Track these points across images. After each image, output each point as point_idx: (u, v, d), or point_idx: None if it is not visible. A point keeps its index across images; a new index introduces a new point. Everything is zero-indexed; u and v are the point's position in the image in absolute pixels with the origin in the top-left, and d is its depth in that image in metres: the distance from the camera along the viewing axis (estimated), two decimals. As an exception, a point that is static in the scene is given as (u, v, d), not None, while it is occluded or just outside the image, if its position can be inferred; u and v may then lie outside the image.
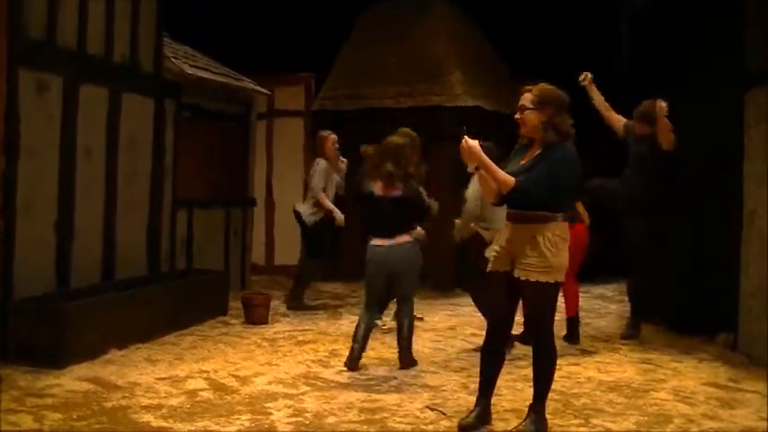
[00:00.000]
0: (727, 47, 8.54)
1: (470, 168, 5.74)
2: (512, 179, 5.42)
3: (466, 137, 5.53)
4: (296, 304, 10.29)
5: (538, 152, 5.55)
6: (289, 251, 13.57)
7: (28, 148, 7.58)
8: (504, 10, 13.85)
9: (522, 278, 5.49)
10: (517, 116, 5.64)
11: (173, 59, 10.00)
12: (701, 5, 9.07)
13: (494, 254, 5.71)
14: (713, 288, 8.74)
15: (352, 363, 7.30)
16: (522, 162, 5.59)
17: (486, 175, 5.51)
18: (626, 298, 10.00)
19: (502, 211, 5.90)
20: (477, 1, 13.84)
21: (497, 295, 5.71)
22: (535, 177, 5.40)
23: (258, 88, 12.05)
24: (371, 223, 7.49)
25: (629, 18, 11.55)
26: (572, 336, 8.55)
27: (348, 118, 12.32)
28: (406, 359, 7.47)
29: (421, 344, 8.44)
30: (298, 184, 13.55)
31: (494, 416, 5.79)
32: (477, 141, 5.51)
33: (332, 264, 11.65)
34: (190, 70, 10.18)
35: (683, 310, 9.27)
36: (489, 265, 5.73)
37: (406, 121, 8.55)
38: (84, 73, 8.33)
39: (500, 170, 5.48)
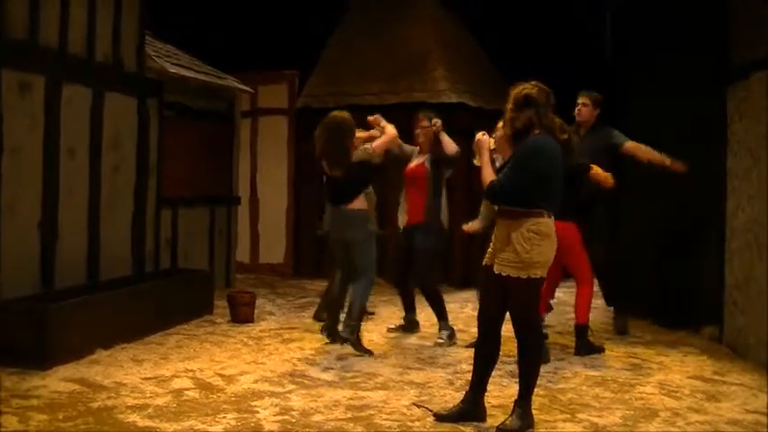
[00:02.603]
0: (710, 41, 8.58)
1: (477, 162, 5.85)
2: (489, 178, 5.60)
3: (483, 131, 5.84)
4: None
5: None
6: (273, 249, 13.59)
7: (11, 148, 7.57)
8: (487, 4, 13.88)
9: (497, 272, 5.57)
10: None
11: (155, 58, 9.98)
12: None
13: (489, 248, 5.77)
14: (698, 281, 8.78)
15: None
16: None
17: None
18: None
19: None
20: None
21: (487, 289, 5.75)
22: (502, 177, 5.58)
23: (241, 86, 12.03)
24: None
25: (614, 11, 11.57)
26: (577, 347, 8.02)
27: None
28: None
29: (407, 340, 8.46)
30: (282, 182, 13.55)
31: (480, 412, 5.81)
32: (487, 137, 5.78)
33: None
34: (172, 69, 10.15)
35: (668, 304, 9.31)
36: (484, 260, 5.80)
37: (390, 118, 8.56)
38: (66, 72, 8.31)
39: (489, 169, 5.63)
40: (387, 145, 8.11)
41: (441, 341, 8.34)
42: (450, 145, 8.37)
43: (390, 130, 8.13)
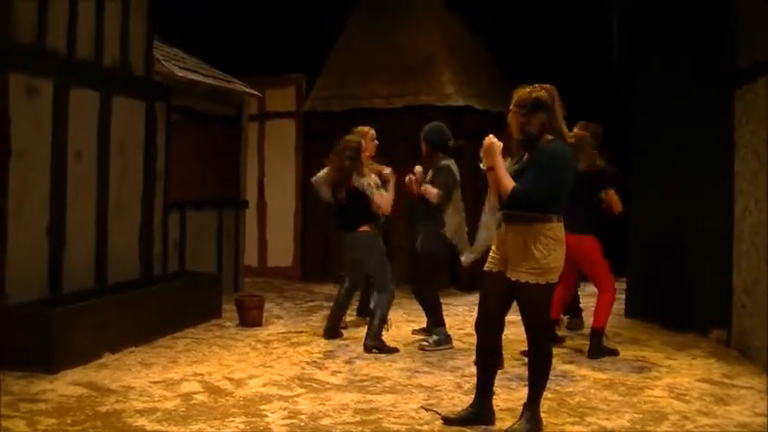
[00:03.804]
0: (717, 44, 8.56)
1: (484, 166, 5.64)
2: (510, 185, 5.43)
3: (492, 134, 5.61)
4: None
5: (526, 156, 5.62)
6: (281, 253, 13.59)
7: (19, 152, 7.57)
8: (494, 6, 13.86)
9: (513, 279, 5.51)
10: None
11: (163, 62, 9.99)
12: (692, 2, 9.08)
13: (491, 254, 5.73)
14: (706, 285, 8.76)
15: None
16: (516, 165, 5.64)
17: (495, 175, 5.54)
18: (621, 296, 10.04)
19: None
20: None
21: (490, 295, 5.72)
22: (525, 183, 5.43)
23: (248, 90, 12.05)
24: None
25: (620, 14, 11.57)
26: (590, 349, 8.02)
27: (339, 119, 12.29)
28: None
29: (416, 344, 8.45)
30: (290, 186, 13.55)
31: (489, 415, 5.80)
32: (497, 141, 5.56)
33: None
34: (180, 73, 10.17)
35: (675, 308, 9.30)
36: (485, 265, 5.76)
37: (397, 121, 8.60)
38: (74, 76, 8.32)
39: (506, 175, 5.48)
40: (381, 205, 8.37)
41: (425, 344, 8.36)
42: (432, 197, 8.39)
43: (388, 198, 8.41)
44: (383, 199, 8.33)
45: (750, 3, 7.99)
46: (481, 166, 5.65)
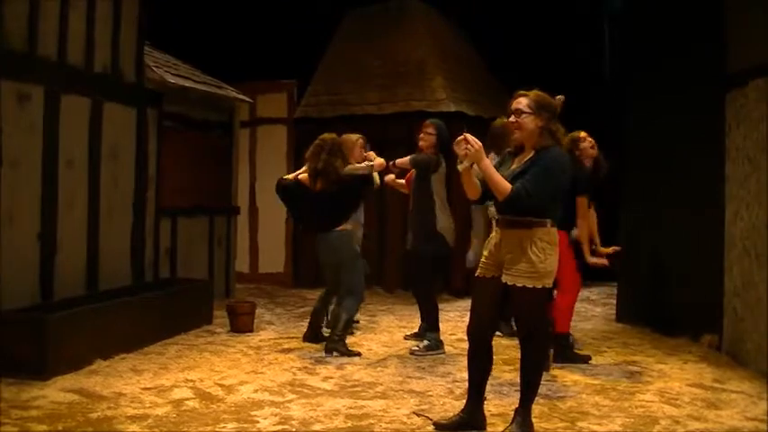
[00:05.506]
0: (707, 49, 8.58)
1: (462, 166, 5.51)
2: (507, 187, 5.38)
3: (467, 133, 5.47)
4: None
5: (529, 156, 5.54)
6: (273, 259, 13.58)
7: (9, 158, 7.56)
8: (485, 12, 13.90)
9: (510, 283, 5.50)
10: (512, 120, 5.57)
11: (154, 68, 9.98)
12: (682, 7, 9.11)
13: (482, 259, 5.72)
14: (697, 289, 8.78)
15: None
16: (513, 167, 5.59)
17: (485, 177, 5.49)
18: (612, 301, 10.05)
19: None
20: (459, 4, 13.87)
21: (482, 300, 5.72)
22: (527, 185, 5.36)
23: (240, 96, 12.05)
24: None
25: (611, 20, 11.59)
26: (554, 354, 7.81)
27: (331, 124, 12.29)
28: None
29: (406, 349, 8.45)
30: (282, 192, 13.54)
31: (480, 420, 5.80)
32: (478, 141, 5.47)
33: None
34: (171, 79, 10.16)
35: (667, 312, 9.31)
36: (477, 271, 5.75)
37: (389, 127, 8.62)
38: (65, 83, 8.31)
39: (498, 174, 5.42)
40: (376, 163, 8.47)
41: (415, 349, 8.34)
42: (404, 165, 8.63)
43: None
44: (376, 161, 8.43)
45: (739, 7, 8.01)
46: (459, 167, 5.54)
